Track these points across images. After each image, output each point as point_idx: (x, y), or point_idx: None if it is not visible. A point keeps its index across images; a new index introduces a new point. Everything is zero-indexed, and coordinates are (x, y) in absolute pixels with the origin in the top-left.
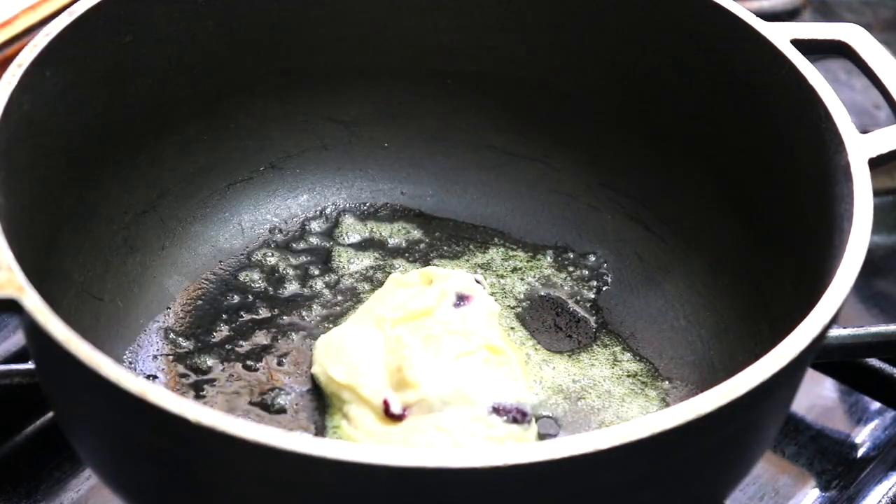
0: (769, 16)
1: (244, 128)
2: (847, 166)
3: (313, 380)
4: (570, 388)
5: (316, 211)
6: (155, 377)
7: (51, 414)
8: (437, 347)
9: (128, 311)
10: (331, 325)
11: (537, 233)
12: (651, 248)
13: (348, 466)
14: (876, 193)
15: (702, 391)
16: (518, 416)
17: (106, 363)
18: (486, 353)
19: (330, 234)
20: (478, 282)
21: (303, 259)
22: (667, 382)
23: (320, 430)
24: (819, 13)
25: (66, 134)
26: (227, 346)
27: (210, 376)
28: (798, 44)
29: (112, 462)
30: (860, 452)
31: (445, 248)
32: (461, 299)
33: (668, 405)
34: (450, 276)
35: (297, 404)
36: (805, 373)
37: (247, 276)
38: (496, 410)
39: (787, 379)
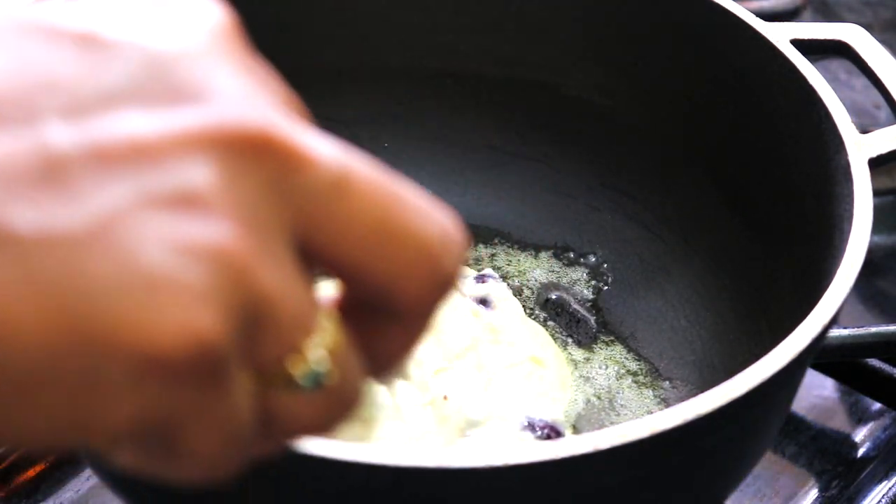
0: (769, 16)
1: None
2: (847, 166)
3: None
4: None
5: None
6: None
7: None
8: (479, 361)
9: None
10: None
11: (537, 233)
12: (651, 248)
13: (348, 466)
14: (876, 193)
15: (702, 391)
16: (552, 434)
17: None
18: (529, 365)
19: None
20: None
21: None
22: (667, 382)
23: None
24: (819, 13)
25: None
26: None
27: None
28: (798, 44)
29: (112, 462)
30: (860, 452)
31: None
32: (484, 303)
33: (668, 405)
34: (467, 275)
35: None
36: (805, 373)
37: None
38: (530, 426)
39: (787, 379)
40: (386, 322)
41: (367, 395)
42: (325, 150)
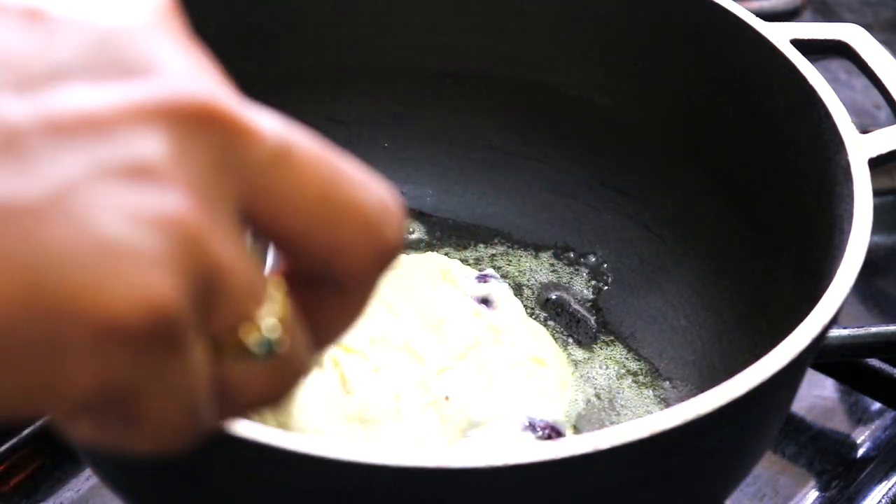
0: (769, 16)
1: None
2: (847, 166)
3: None
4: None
5: None
6: None
7: None
8: (481, 361)
9: None
10: None
11: (537, 233)
12: (651, 248)
13: (348, 466)
14: (876, 193)
15: (702, 391)
16: (553, 434)
17: None
18: (531, 365)
19: None
20: (493, 277)
21: None
22: (667, 382)
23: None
24: (819, 13)
25: None
26: None
27: None
28: (798, 44)
29: (111, 462)
30: (860, 452)
31: (447, 247)
32: (486, 303)
33: (668, 405)
34: (469, 275)
35: None
36: (805, 373)
37: None
38: (531, 426)
39: (787, 379)
40: (328, 293)
41: (312, 365)
42: (267, 123)
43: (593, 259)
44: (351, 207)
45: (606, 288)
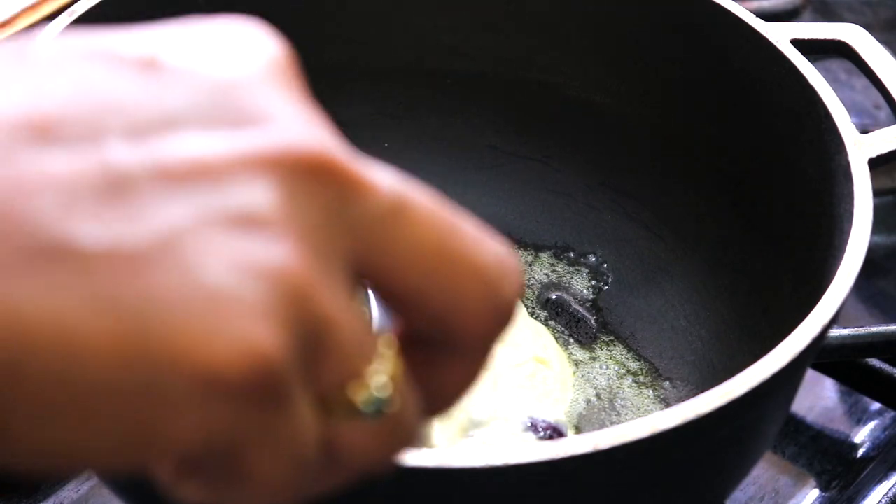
0: (769, 16)
1: None
2: (847, 166)
3: None
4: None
5: None
6: None
7: None
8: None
9: None
10: None
11: (537, 233)
12: (651, 248)
13: None
14: (876, 193)
15: (702, 391)
16: (554, 435)
17: None
18: (533, 365)
19: None
20: None
21: None
22: (667, 382)
23: None
24: (819, 13)
25: None
26: None
27: None
28: (798, 44)
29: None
30: (860, 452)
31: None
32: None
33: (668, 405)
34: None
35: None
36: (805, 373)
37: None
38: (532, 427)
39: (787, 379)
40: (443, 356)
41: (426, 432)
42: (382, 177)
43: (593, 259)
44: (469, 264)
45: (606, 288)
